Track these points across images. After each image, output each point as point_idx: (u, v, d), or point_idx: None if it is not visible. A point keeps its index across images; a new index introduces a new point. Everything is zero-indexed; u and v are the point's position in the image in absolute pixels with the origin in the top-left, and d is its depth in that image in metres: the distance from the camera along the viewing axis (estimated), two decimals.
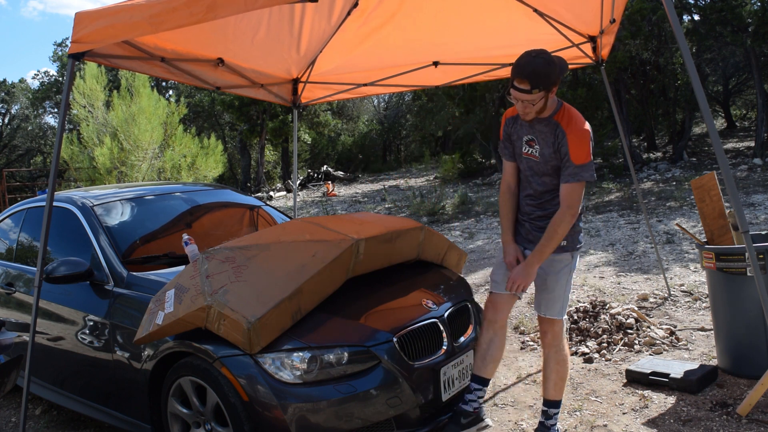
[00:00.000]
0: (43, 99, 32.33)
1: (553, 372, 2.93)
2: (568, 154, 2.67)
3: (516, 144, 2.90)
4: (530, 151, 2.82)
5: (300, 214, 13.99)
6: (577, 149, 2.66)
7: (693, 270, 6.10)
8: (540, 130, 2.77)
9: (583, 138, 2.66)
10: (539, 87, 2.61)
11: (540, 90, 2.62)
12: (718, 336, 3.64)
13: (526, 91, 2.62)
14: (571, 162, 2.67)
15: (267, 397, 2.50)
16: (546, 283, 2.88)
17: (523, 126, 2.85)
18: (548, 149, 2.74)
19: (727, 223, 3.72)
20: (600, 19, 4.70)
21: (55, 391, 3.59)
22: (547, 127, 2.74)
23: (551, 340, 2.93)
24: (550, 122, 2.74)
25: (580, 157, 2.66)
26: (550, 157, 2.75)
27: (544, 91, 2.63)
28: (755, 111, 17.82)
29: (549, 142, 2.74)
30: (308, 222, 3.29)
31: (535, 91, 2.61)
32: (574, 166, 2.67)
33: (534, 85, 2.61)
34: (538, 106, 2.67)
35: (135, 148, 11.96)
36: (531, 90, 2.61)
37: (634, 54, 13.78)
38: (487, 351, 2.87)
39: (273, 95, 5.63)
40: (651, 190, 11.76)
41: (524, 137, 2.84)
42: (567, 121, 2.70)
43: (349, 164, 28.25)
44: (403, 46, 5.15)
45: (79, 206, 3.66)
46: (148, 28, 2.75)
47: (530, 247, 2.87)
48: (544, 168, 2.79)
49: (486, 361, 2.86)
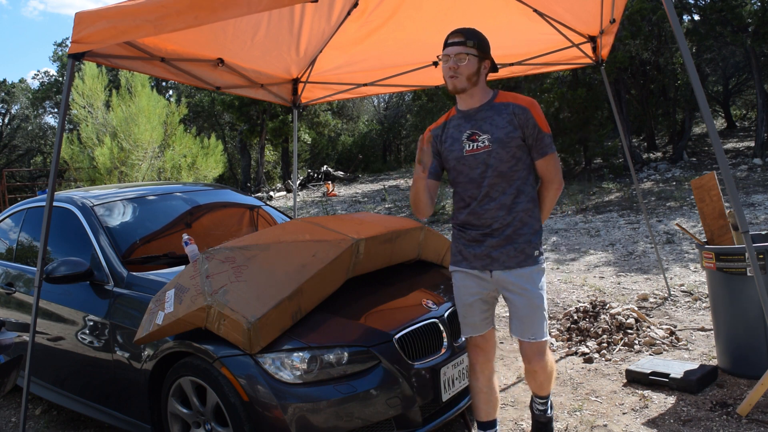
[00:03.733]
0: (43, 99, 32.35)
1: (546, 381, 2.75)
2: (538, 125, 2.52)
3: (453, 150, 2.61)
4: (475, 146, 2.56)
5: (300, 214, 14.00)
6: (541, 119, 2.54)
7: (693, 270, 6.10)
8: (483, 117, 2.57)
9: (540, 109, 2.56)
10: (473, 40, 2.50)
11: (474, 45, 2.50)
12: (718, 336, 3.65)
13: (459, 43, 2.50)
14: (543, 132, 2.54)
15: (267, 397, 2.50)
16: (531, 302, 2.56)
17: (458, 126, 2.62)
18: (502, 131, 2.52)
19: (727, 223, 3.72)
20: (600, 19, 4.70)
21: (55, 391, 3.59)
22: (492, 111, 2.56)
23: (539, 360, 2.63)
24: (493, 106, 2.57)
25: (546, 126, 2.56)
26: (508, 138, 2.51)
27: (477, 50, 2.51)
28: (755, 111, 17.82)
29: (501, 123, 2.53)
30: (308, 222, 3.29)
31: (469, 44, 2.49)
32: (547, 135, 2.55)
33: (468, 37, 2.50)
34: (469, 67, 2.51)
35: (135, 147, 11.96)
36: (465, 41, 2.50)
37: (634, 54, 13.79)
38: (490, 394, 2.72)
39: (273, 95, 5.64)
40: (651, 190, 11.76)
41: (463, 135, 2.59)
42: (516, 99, 2.57)
43: (349, 164, 28.25)
44: (403, 46, 5.15)
45: (79, 206, 3.66)
46: (152, 30, 2.76)
47: (495, 266, 2.57)
48: (502, 153, 2.52)
49: (491, 403, 2.73)
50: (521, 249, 2.56)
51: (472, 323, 2.68)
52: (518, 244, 2.56)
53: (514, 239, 2.55)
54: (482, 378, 2.71)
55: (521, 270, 2.56)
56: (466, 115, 2.62)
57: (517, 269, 2.56)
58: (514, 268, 2.56)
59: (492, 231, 2.57)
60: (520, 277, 2.56)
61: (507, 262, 2.56)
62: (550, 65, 5.61)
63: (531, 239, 2.57)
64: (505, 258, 2.56)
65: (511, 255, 2.56)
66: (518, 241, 2.56)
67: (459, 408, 2.95)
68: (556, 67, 5.86)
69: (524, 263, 2.56)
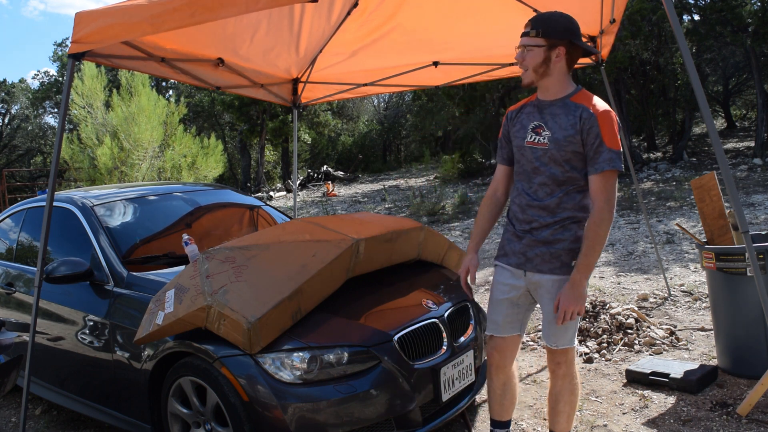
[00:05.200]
0: (43, 99, 32.36)
1: (567, 405, 2.58)
2: (600, 136, 2.29)
3: (517, 137, 2.51)
4: (536, 139, 2.43)
5: (300, 214, 13.99)
6: (609, 132, 2.30)
7: (693, 270, 6.10)
8: (553, 112, 2.41)
9: (614, 121, 2.32)
10: (538, 29, 2.33)
11: (538, 34, 2.33)
12: (718, 336, 3.64)
13: (524, 33, 2.37)
14: (605, 146, 2.29)
15: (267, 397, 2.50)
16: None
17: (529, 114, 2.49)
18: (562, 132, 2.36)
19: (727, 223, 3.71)
20: (600, 19, 4.70)
21: (55, 391, 3.59)
22: (563, 109, 2.39)
23: (566, 370, 2.53)
24: (567, 104, 2.39)
25: (613, 141, 2.30)
26: (565, 141, 2.36)
27: (544, 39, 2.33)
28: (755, 111, 17.82)
29: (565, 125, 2.36)
30: (308, 222, 3.29)
31: (532, 33, 2.34)
32: (608, 150, 2.29)
33: (533, 25, 2.35)
34: (534, 58, 2.36)
35: (135, 147, 11.96)
36: (529, 30, 2.35)
37: (634, 54, 13.78)
38: (503, 396, 2.66)
39: (273, 95, 5.64)
40: (651, 190, 11.75)
41: (530, 125, 2.47)
42: (591, 103, 2.36)
43: (349, 164, 28.25)
44: (403, 46, 5.15)
45: (79, 206, 3.66)
46: (149, 28, 2.75)
47: (528, 267, 2.47)
48: (556, 154, 2.38)
49: (504, 405, 2.68)
50: (557, 255, 2.42)
51: (495, 321, 2.60)
52: (555, 249, 2.42)
53: (552, 243, 2.42)
54: (496, 379, 2.66)
55: (554, 277, 2.43)
56: (539, 106, 2.47)
57: (550, 275, 2.44)
58: (547, 273, 2.44)
59: (531, 229, 2.46)
60: (553, 284, 2.44)
61: (540, 266, 2.45)
62: None
63: (571, 247, 2.41)
64: (540, 261, 2.45)
65: (546, 259, 2.43)
66: (556, 246, 2.42)
67: (459, 408, 2.95)
68: None
69: (558, 270, 2.42)
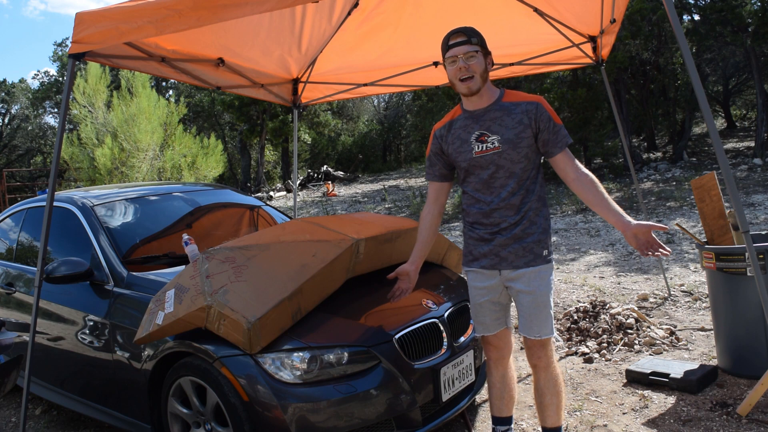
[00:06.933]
0: (43, 99, 32.36)
1: (553, 396, 2.64)
2: (552, 119, 2.49)
3: (461, 152, 2.57)
4: (485, 147, 2.52)
5: (300, 214, 13.99)
6: (552, 112, 2.51)
7: (693, 270, 6.10)
8: (491, 117, 2.53)
9: (547, 102, 2.54)
10: (476, 37, 2.47)
11: (477, 42, 2.46)
12: (718, 336, 3.64)
13: (464, 42, 2.46)
14: (558, 125, 2.51)
15: (267, 397, 2.50)
16: (537, 300, 2.54)
17: (465, 127, 2.57)
18: (512, 132, 2.49)
19: (727, 223, 3.71)
20: (600, 19, 4.70)
21: (55, 391, 3.59)
22: (501, 111, 2.52)
23: (546, 362, 2.61)
24: (503, 106, 2.53)
25: (558, 119, 2.53)
26: (518, 138, 2.48)
27: (481, 48, 2.47)
28: (755, 111, 17.82)
29: (511, 124, 2.49)
30: (308, 222, 3.29)
31: (473, 41, 2.45)
32: (561, 127, 2.51)
33: (470, 35, 2.46)
34: (480, 65, 2.47)
35: (135, 148, 11.96)
36: (469, 39, 2.45)
37: (634, 54, 13.79)
38: (503, 389, 2.75)
39: (273, 95, 5.64)
40: (651, 190, 11.76)
41: (471, 136, 2.55)
42: (524, 97, 2.54)
43: (349, 164, 28.24)
44: (403, 46, 5.15)
45: (79, 206, 3.66)
46: (153, 31, 2.75)
47: (503, 266, 2.56)
48: (513, 155, 2.50)
49: (504, 399, 2.75)
50: (529, 248, 2.54)
51: (483, 322, 2.69)
52: (526, 243, 2.54)
53: (523, 238, 2.54)
54: (496, 373, 2.75)
55: (529, 269, 2.54)
56: (473, 116, 2.56)
57: (525, 268, 2.55)
58: (522, 267, 2.55)
59: (500, 230, 2.55)
60: (528, 276, 2.54)
61: (515, 262, 2.55)
62: (550, 65, 5.61)
63: (540, 238, 2.55)
64: (514, 257, 2.55)
65: (520, 254, 2.54)
66: (526, 240, 2.54)
67: (459, 408, 2.95)
68: (557, 67, 5.86)
69: (532, 262, 2.54)
